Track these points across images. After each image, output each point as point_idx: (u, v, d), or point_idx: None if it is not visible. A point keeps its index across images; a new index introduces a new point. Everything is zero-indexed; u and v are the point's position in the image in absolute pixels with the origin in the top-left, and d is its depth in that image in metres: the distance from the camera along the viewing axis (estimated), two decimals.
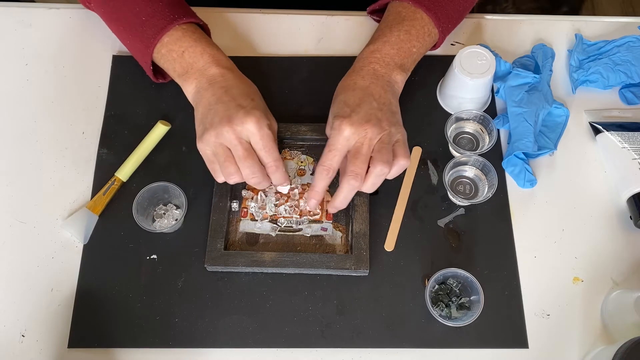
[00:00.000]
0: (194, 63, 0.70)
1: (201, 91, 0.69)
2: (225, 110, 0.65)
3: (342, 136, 0.65)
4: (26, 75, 0.82)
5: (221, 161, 0.66)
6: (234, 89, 0.68)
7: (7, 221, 0.73)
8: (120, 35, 0.77)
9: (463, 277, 0.67)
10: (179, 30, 0.71)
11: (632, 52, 0.81)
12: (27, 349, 0.68)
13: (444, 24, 0.76)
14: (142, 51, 0.72)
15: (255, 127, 0.64)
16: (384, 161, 0.64)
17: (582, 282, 0.72)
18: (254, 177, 0.66)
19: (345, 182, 0.65)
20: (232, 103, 0.66)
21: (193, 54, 0.70)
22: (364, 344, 0.68)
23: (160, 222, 0.73)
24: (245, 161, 0.65)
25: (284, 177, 0.68)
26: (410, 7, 0.75)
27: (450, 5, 0.76)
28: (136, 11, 0.72)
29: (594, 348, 0.68)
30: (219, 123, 0.64)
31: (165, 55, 0.71)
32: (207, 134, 0.65)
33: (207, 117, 0.66)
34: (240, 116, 0.64)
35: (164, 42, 0.71)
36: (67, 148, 0.78)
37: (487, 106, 0.81)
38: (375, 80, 0.70)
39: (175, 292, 0.70)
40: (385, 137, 0.66)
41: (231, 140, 0.64)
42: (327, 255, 0.69)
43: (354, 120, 0.65)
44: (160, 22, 0.71)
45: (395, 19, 0.75)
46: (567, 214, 0.75)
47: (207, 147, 0.66)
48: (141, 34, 0.72)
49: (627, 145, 0.76)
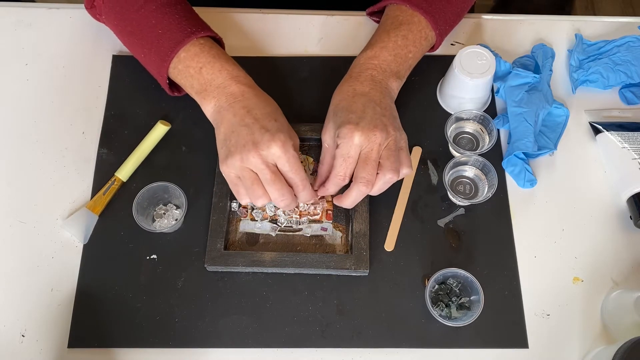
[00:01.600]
0: (212, 80, 0.69)
1: (222, 111, 0.68)
2: (249, 134, 0.64)
3: (354, 144, 0.65)
4: (26, 75, 0.82)
5: (248, 185, 0.65)
6: (256, 110, 0.66)
7: (7, 221, 0.73)
8: (134, 49, 0.75)
9: (463, 277, 0.67)
10: (196, 45, 0.70)
11: (632, 52, 0.81)
12: (27, 349, 0.68)
13: (441, 26, 0.76)
14: (159, 65, 0.71)
15: (281, 150, 0.63)
16: (393, 169, 0.65)
17: (582, 282, 0.72)
18: (283, 199, 0.65)
19: (356, 188, 0.65)
20: (256, 125, 0.65)
21: (211, 70, 0.69)
22: (364, 344, 0.68)
23: (160, 222, 0.73)
24: (274, 184, 0.64)
25: (311, 195, 0.68)
26: (408, 10, 0.75)
27: (448, 7, 0.76)
28: (152, 24, 0.71)
29: (594, 348, 0.68)
30: (243, 147, 0.64)
31: (182, 71, 0.70)
32: (231, 158, 0.64)
33: (230, 140, 0.65)
34: (265, 140, 0.63)
35: (181, 58, 0.70)
36: (67, 148, 0.78)
37: (487, 106, 0.81)
38: (374, 86, 0.70)
39: (175, 292, 0.70)
40: (391, 143, 0.66)
41: (257, 164, 0.63)
42: (327, 255, 0.69)
43: (362, 127, 0.65)
44: (176, 35, 0.70)
45: (393, 23, 0.75)
46: (567, 214, 0.75)
47: (231, 171, 0.65)
48: (157, 48, 0.71)
49: (627, 145, 0.76)
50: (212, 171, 0.74)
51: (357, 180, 0.65)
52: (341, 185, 0.67)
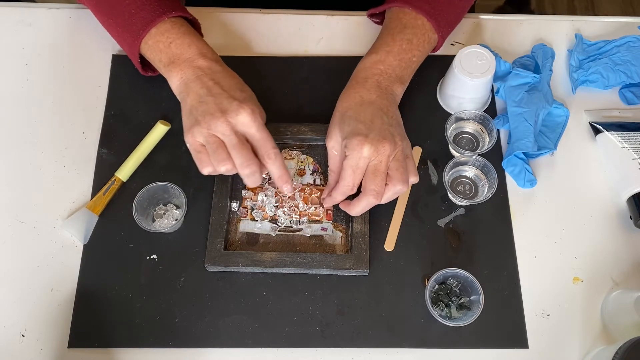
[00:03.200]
0: (180, 54, 0.70)
1: (188, 83, 0.68)
2: (217, 103, 0.65)
3: (363, 156, 0.65)
4: (26, 75, 0.82)
5: (213, 148, 0.65)
6: (223, 81, 0.67)
7: (7, 221, 0.73)
8: (110, 28, 0.76)
9: (463, 277, 0.67)
10: (167, 22, 0.71)
11: (632, 52, 0.81)
12: (27, 349, 0.68)
13: (443, 28, 0.76)
14: (130, 43, 0.72)
15: (250, 117, 0.64)
16: (403, 180, 0.66)
17: (582, 282, 0.72)
18: (248, 165, 0.64)
19: (366, 199, 0.66)
20: (224, 95, 0.65)
21: (180, 45, 0.70)
22: (364, 344, 0.68)
23: (160, 222, 0.73)
24: (240, 150, 0.64)
25: (284, 170, 0.67)
26: (412, 14, 0.74)
27: (449, 9, 0.76)
28: (125, 4, 0.72)
29: (594, 348, 0.68)
30: (212, 115, 0.64)
31: (152, 46, 0.71)
32: (198, 126, 0.65)
33: (197, 109, 0.66)
34: (234, 108, 0.64)
35: (152, 34, 0.71)
36: (67, 148, 0.78)
37: (487, 106, 0.81)
38: (380, 94, 0.70)
39: (175, 292, 0.70)
40: (399, 154, 0.66)
41: (224, 131, 0.64)
42: (327, 255, 0.69)
43: (372, 139, 0.65)
44: (148, 15, 0.71)
45: (397, 27, 0.74)
46: (567, 214, 0.75)
47: (197, 139, 0.65)
48: (130, 26, 0.72)
49: (627, 145, 0.76)
50: None
51: (367, 192, 0.65)
52: (348, 194, 0.68)
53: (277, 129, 0.76)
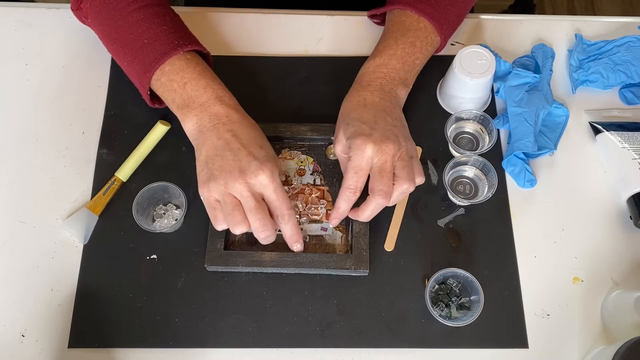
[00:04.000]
0: (196, 97, 0.67)
1: (204, 131, 0.66)
2: (236, 160, 0.63)
3: (366, 155, 0.64)
4: (26, 75, 0.82)
5: (228, 210, 0.63)
6: (241, 134, 0.65)
7: (7, 221, 0.73)
8: (118, 56, 0.73)
9: (463, 277, 0.67)
10: (182, 59, 0.68)
11: (632, 52, 0.81)
12: (27, 349, 0.68)
13: (446, 30, 0.76)
14: (141, 75, 0.69)
15: (269, 179, 0.62)
16: (410, 179, 0.65)
17: (582, 282, 0.72)
18: (264, 230, 0.63)
19: (374, 200, 0.64)
20: (243, 152, 0.63)
21: (196, 87, 0.67)
22: (364, 344, 0.68)
23: (160, 222, 0.73)
24: (257, 213, 0.62)
25: (296, 231, 0.66)
26: (414, 16, 0.74)
27: (451, 11, 0.76)
28: (138, 33, 0.69)
29: (594, 348, 0.68)
30: (229, 173, 0.62)
31: (165, 84, 0.68)
32: (214, 182, 0.63)
33: (213, 163, 0.64)
34: (253, 169, 0.62)
35: (165, 71, 0.68)
36: (67, 148, 0.78)
37: (487, 106, 0.81)
38: (384, 96, 0.70)
39: (175, 292, 0.70)
40: (404, 154, 0.66)
41: (242, 192, 0.62)
42: (327, 255, 0.69)
43: (375, 139, 0.64)
44: (162, 47, 0.68)
45: (400, 30, 0.74)
46: (567, 214, 0.75)
47: (212, 195, 0.63)
48: (142, 58, 0.69)
49: (627, 145, 0.76)
50: None
51: (375, 193, 0.64)
52: (352, 201, 0.66)
53: (277, 129, 0.76)
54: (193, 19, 0.86)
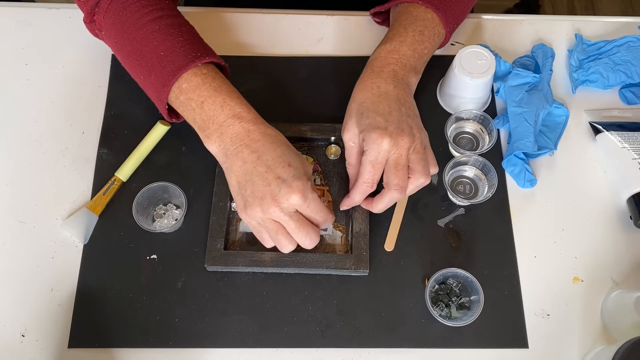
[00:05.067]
0: (214, 117, 0.65)
1: (229, 155, 0.64)
2: (265, 185, 0.62)
3: (383, 149, 0.64)
4: (26, 75, 0.82)
5: (272, 234, 0.64)
6: (266, 154, 0.63)
7: (7, 221, 0.73)
8: (134, 69, 0.71)
9: (463, 277, 0.67)
10: (199, 75, 0.66)
11: (632, 52, 0.81)
12: (27, 349, 0.68)
13: (451, 24, 0.76)
14: (158, 89, 0.67)
15: (301, 199, 0.61)
16: (426, 173, 0.66)
17: (582, 282, 0.72)
18: (310, 242, 0.64)
19: (389, 194, 0.65)
20: (271, 175, 0.62)
21: (213, 105, 0.65)
22: (364, 344, 0.68)
23: (160, 222, 0.73)
24: (300, 232, 0.63)
25: (332, 220, 0.66)
26: (421, 7, 0.74)
27: (457, 5, 0.76)
28: (154, 45, 0.67)
29: (594, 348, 0.68)
30: (262, 200, 0.62)
31: (184, 103, 0.66)
32: (251, 209, 0.63)
33: (246, 190, 0.63)
34: (284, 193, 0.61)
35: (183, 89, 0.66)
36: (67, 148, 0.78)
37: (487, 106, 0.81)
38: (397, 84, 0.69)
39: (175, 292, 0.70)
40: (419, 146, 0.66)
41: (280, 217, 0.62)
42: (327, 255, 0.69)
43: (391, 132, 0.64)
44: (179, 59, 0.66)
45: (408, 19, 0.74)
46: (567, 214, 0.75)
47: (252, 220, 0.64)
48: (158, 71, 0.67)
49: (627, 145, 0.76)
50: (212, 171, 0.74)
51: (390, 187, 0.64)
52: (367, 193, 0.67)
53: (277, 128, 0.75)
54: (193, 19, 0.85)
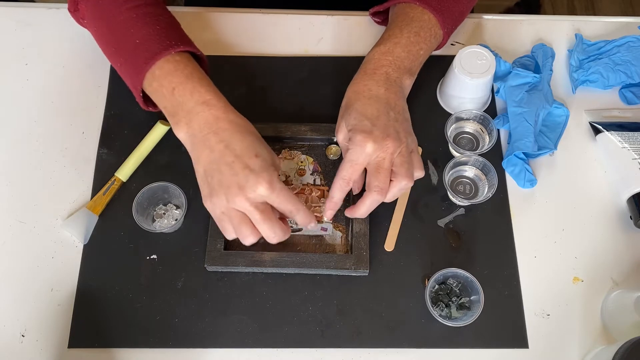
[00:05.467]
0: (183, 103, 0.65)
1: (196, 143, 0.64)
2: (232, 175, 0.61)
3: (364, 152, 0.64)
4: (26, 75, 0.82)
5: (235, 224, 0.62)
6: (234, 144, 0.63)
7: (7, 221, 0.73)
8: (112, 57, 0.72)
9: (463, 277, 0.67)
10: (171, 62, 0.66)
11: (632, 52, 0.81)
12: (27, 349, 0.68)
13: (449, 25, 0.76)
14: (133, 77, 0.68)
15: (269, 190, 0.61)
16: (408, 176, 0.65)
17: (582, 282, 0.72)
18: (274, 235, 0.63)
19: (370, 197, 0.65)
20: (238, 165, 0.61)
21: (183, 91, 0.65)
22: (364, 344, 0.68)
23: (160, 222, 0.73)
24: (264, 223, 0.62)
25: (308, 217, 0.65)
26: (418, 8, 0.74)
27: (455, 6, 0.76)
28: (130, 32, 0.68)
29: (594, 348, 0.68)
30: (228, 189, 0.61)
31: (157, 90, 0.66)
32: (217, 198, 0.62)
33: (212, 177, 0.62)
34: (251, 183, 0.60)
35: (156, 75, 0.66)
36: (67, 148, 0.78)
37: (487, 106, 0.81)
38: (389, 87, 0.69)
39: (175, 292, 0.70)
40: (404, 150, 0.66)
41: (245, 207, 0.61)
42: (327, 255, 0.69)
43: (376, 136, 0.64)
44: (153, 47, 0.66)
45: (404, 20, 0.74)
46: (567, 214, 0.75)
47: (216, 209, 0.63)
48: (134, 58, 0.67)
49: (627, 145, 0.76)
50: None
51: (371, 189, 0.65)
52: (345, 191, 0.66)
53: (277, 129, 0.76)
54: (193, 19, 0.86)
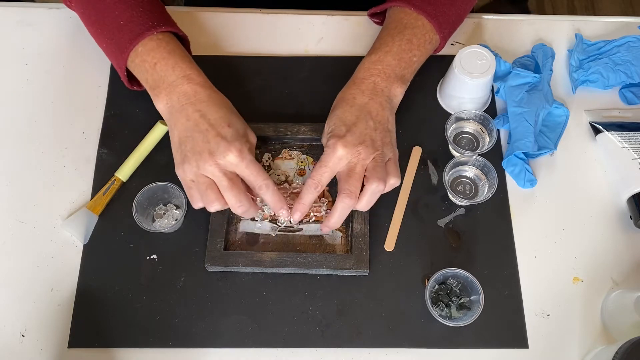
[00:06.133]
0: (165, 77, 0.68)
1: (174, 112, 0.67)
2: (205, 142, 0.64)
3: (335, 155, 0.65)
4: (26, 75, 0.82)
5: (202, 189, 0.64)
6: (209, 114, 0.65)
7: (7, 221, 0.73)
8: (98, 38, 0.75)
9: (463, 277, 0.67)
10: (154, 40, 0.69)
11: (632, 52, 0.81)
12: (27, 349, 0.68)
13: (445, 29, 0.76)
14: (117, 56, 0.71)
15: (238, 158, 0.63)
16: (379, 178, 0.65)
17: (582, 282, 0.72)
18: (240, 205, 0.64)
19: (340, 201, 0.65)
20: (211, 132, 0.64)
21: (165, 66, 0.68)
22: (364, 344, 0.68)
23: (160, 222, 0.73)
24: (231, 190, 0.64)
25: (278, 197, 0.66)
26: (412, 14, 0.74)
27: (451, 10, 0.76)
28: (115, 14, 0.70)
29: (594, 348, 0.68)
30: (200, 155, 0.63)
31: (138, 65, 0.69)
32: (187, 164, 0.64)
33: (186, 145, 0.65)
34: (221, 150, 0.63)
35: (138, 52, 0.69)
36: (67, 148, 0.78)
37: (487, 106, 0.81)
38: (374, 97, 0.70)
39: (175, 292, 0.70)
40: (378, 157, 0.66)
41: (214, 172, 0.63)
42: (327, 255, 0.69)
43: (348, 141, 0.65)
44: (137, 27, 0.69)
45: (397, 27, 0.74)
46: (567, 214, 0.75)
47: (187, 175, 0.65)
48: (118, 39, 0.70)
49: (627, 145, 0.76)
50: None
51: (341, 192, 0.65)
52: (315, 193, 0.66)
53: (277, 129, 0.76)
54: (193, 18, 0.86)
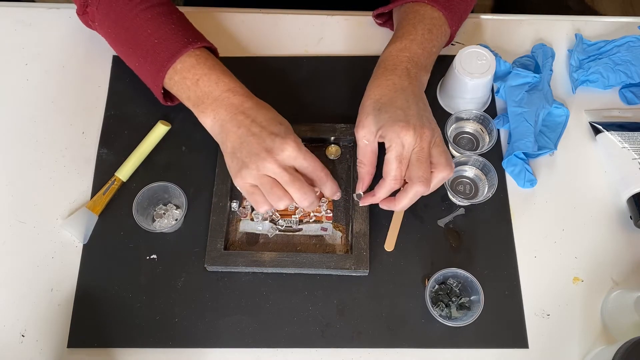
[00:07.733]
0: (209, 92, 0.68)
1: (224, 124, 0.67)
2: (260, 142, 0.64)
3: (407, 143, 0.63)
4: (26, 75, 0.82)
5: (267, 190, 0.64)
6: (259, 117, 0.66)
7: (7, 221, 0.73)
8: (128, 57, 0.74)
9: (463, 277, 0.67)
10: (192, 56, 0.69)
11: (632, 52, 0.81)
12: (27, 349, 0.68)
13: (456, 23, 0.76)
14: (154, 75, 0.70)
15: (297, 150, 0.63)
16: (448, 165, 0.65)
17: (582, 282, 0.72)
18: (306, 197, 0.64)
19: (414, 189, 0.64)
20: (265, 132, 0.64)
21: (208, 82, 0.68)
22: (364, 344, 0.68)
23: (160, 222, 0.73)
24: (294, 184, 0.63)
25: (336, 186, 0.67)
26: (427, 7, 0.74)
27: (461, 4, 0.76)
28: (147, 33, 0.70)
29: (594, 348, 0.68)
30: (257, 156, 0.63)
31: (178, 82, 0.69)
32: (246, 169, 0.64)
33: (241, 151, 0.64)
34: (278, 145, 0.63)
35: (177, 69, 0.69)
36: (67, 148, 0.78)
37: (487, 106, 0.81)
38: (412, 81, 0.69)
39: (175, 292, 0.70)
40: (438, 139, 0.66)
41: (274, 170, 0.63)
42: (327, 255, 0.69)
43: (414, 125, 0.64)
44: (173, 45, 0.69)
45: (416, 17, 0.74)
46: (567, 214, 0.75)
47: (247, 181, 0.65)
48: (153, 57, 0.70)
49: (627, 145, 0.76)
50: (212, 171, 0.74)
51: (415, 180, 0.63)
52: (392, 190, 0.66)
53: None
54: (193, 18, 0.85)
